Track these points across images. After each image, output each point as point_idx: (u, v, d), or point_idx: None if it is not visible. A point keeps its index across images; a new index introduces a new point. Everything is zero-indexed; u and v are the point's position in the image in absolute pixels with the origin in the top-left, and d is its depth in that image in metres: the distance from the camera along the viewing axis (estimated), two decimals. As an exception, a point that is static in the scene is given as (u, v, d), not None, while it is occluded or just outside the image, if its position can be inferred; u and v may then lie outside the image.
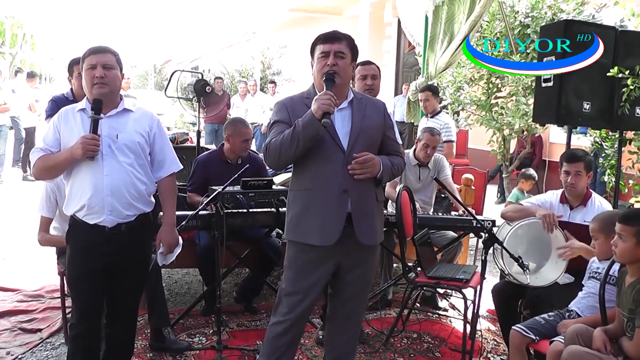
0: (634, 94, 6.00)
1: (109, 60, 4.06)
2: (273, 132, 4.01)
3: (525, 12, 8.86)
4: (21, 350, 5.34)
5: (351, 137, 3.98)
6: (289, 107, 4.06)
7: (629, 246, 3.79)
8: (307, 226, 3.99)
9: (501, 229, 5.16)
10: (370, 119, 4.09)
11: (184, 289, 7.05)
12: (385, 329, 5.90)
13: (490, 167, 12.23)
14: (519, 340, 4.37)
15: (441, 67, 9.21)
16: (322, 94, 3.80)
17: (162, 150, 4.29)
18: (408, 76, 19.41)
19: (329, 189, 3.94)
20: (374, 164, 3.96)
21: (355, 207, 3.97)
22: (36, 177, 4.20)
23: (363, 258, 4.16)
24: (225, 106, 14.57)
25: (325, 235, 3.94)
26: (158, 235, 4.35)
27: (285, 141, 3.84)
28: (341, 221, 3.95)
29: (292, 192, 4.13)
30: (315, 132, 3.80)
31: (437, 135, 6.90)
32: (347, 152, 3.95)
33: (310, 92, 4.12)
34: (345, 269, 4.11)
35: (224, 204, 5.13)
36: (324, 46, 3.99)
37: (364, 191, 4.03)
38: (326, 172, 3.95)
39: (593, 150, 8.16)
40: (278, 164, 4.07)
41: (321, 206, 3.95)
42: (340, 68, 3.97)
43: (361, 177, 3.94)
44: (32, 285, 7.00)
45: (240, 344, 5.44)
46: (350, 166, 3.91)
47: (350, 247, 4.02)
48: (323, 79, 3.92)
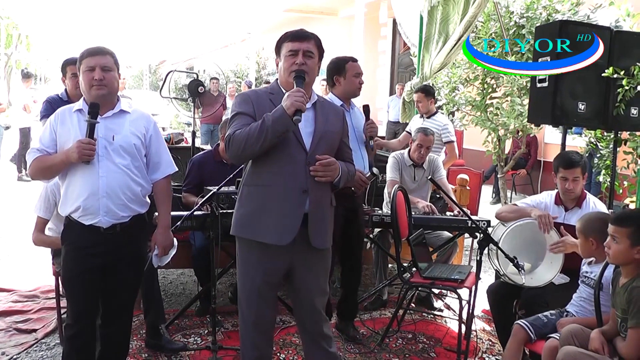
0: (629, 95, 6.01)
1: (107, 62, 4.05)
2: (236, 123, 3.91)
3: (520, 12, 8.86)
4: (16, 351, 5.33)
5: (314, 138, 3.95)
6: (254, 99, 4.00)
7: (622, 248, 3.79)
8: (262, 224, 3.91)
9: (496, 230, 5.16)
10: (332, 123, 4.07)
11: (179, 290, 7.05)
12: (380, 329, 5.91)
13: (485, 167, 12.27)
14: (522, 335, 4.37)
15: (436, 68, 9.21)
16: (295, 91, 3.76)
17: (157, 152, 4.28)
18: (403, 76, 19.44)
19: (289, 188, 3.88)
20: (335, 168, 3.95)
21: (313, 208, 3.92)
22: (32, 178, 4.19)
23: (315, 262, 4.09)
24: (221, 106, 14.55)
25: (281, 235, 3.88)
26: (153, 237, 4.35)
27: (252, 134, 3.76)
28: (298, 221, 3.89)
29: (247, 187, 4.03)
30: (285, 129, 3.76)
31: (431, 135, 6.91)
32: (310, 152, 3.91)
33: (274, 87, 4.09)
34: (297, 271, 4.05)
35: (219, 204, 5.13)
36: (292, 44, 3.95)
37: (322, 193, 4.00)
38: (287, 171, 3.89)
39: (588, 150, 8.17)
40: (240, 157, 3.96)
41: (279, 204, 3.89)
42: (309, 67, 3.94)
43: (322, 179, 3.91)
44: (27, 285, 6.99)
45: (235, 344, 5.42)
46: (312, 167, 3.88)
47: (301, 249, 3.96)
48: (293, 77, 3.88)
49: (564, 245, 4.73)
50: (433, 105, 8.47)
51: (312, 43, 3.99)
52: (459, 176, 7.60)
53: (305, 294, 4.11)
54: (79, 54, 4.15)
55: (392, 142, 9.18)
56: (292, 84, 3.88)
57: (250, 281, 4.04)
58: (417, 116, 8.72)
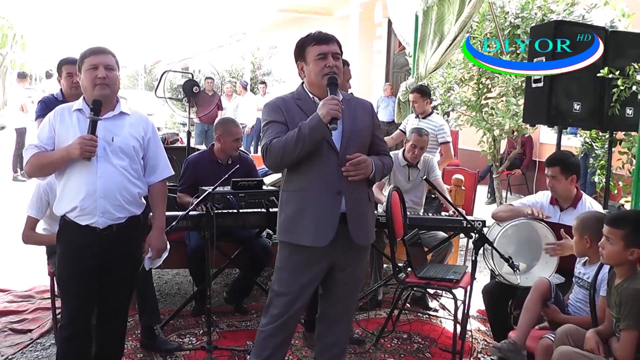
0: (624, 95, 6.02)
1: (110, 61, 4.07)
2: (270, 132, 3.96)
3: (515, 12, 8.85)
4: (11, 351, 5.32)
5: (343, 139, 3.98)
6: (283, 107, 4.03)
7: (616, 249, 3.80)
8: (301, 227, 3.98)
9: (491, 230, 5.16)
10: (361, 120, 4.11)
11: (174, 290, 7.04)
12: (375, 329, 5.91)
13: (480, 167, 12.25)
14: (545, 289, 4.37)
15: (431, 68, 9.21)
16: (330, 99, 3.79)
17: (155, 155, 4.30)
18: (398, 76, 19.41)
19: (323, 190, 3.94)
20: (367, 165, 3.98)
21: (349, 207, 3.98)
22: (29, 175, 4.19)
23: (355, 258, 4.18)
24: (215, 107, 14.54)
25: (320, 236, 3.94)
26: (147, 239, 4.35)
27: (289, 143, 3.82)
28: (335, 222, 3.95)
29: (285, 193, 4.10)
30: (322, 137, 3.81)
31: (425, 135, 6.92)
32: (340, 153, 3.96)
33: (301, 92, 4.11)
34: (339, 269, 4.12)
35: (214, 205, 5.13)
36: (320, 47, 3.97)
37: (357, 192, 4.05)
38: (320, 174, 3.95)
39: (583, 150, 8.16)
40: (279, 165, 4.03)
41: (315, 207, 3.95)
42: (339, 70, 3.99)
43: (355, 178, 3.95)
44: (22, 285, 6.99)
45: (230, 344, 5.44)
46: (344, 168, 3.93)
47: (343, 248, 4.03)
48: (327, 83, 3.91)
49: (561, 249, 4.73)
50: (429, 106, 8.47)
51: (336, 45, 4.04)
52: (454, 176, 7.61)
53: (342, 289, 4.22)
54: (77, 54, 4.18)
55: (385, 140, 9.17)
56: (324, 87, 3.93)
57: (290, 284, 4.09)
58: (412, 116, 8.72)
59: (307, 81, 4.11)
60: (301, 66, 4.10)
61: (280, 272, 4.14)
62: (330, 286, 4.22)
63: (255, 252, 6.11)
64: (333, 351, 4.34)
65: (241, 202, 5.41)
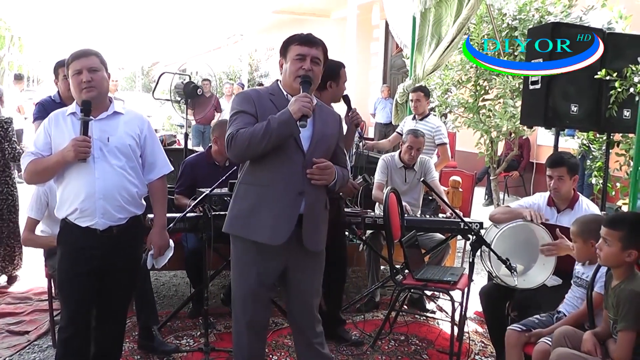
0: (622, 97, 6.02)
1: (93, 63, 4.05)
2: (238, 122, 3.91)
3: (512, 14, 8.87)
4: (9, 353, 5.32)
5: (312, 142, 3.96)
6: (255, 99, 3.99)
7: (614, 251, 3.80)
8: (257, 223, 3.93)
9: (489, 231, 5.16)
10: (329, 127, 4.10)
11: (171, 291, 7.04)
12: (372, 331, 5.91)
13: (477, 169, 12.27)
14: (515, 339, 4.37)
15: (429, 70, 9.21)
16: (302, 96, 3.78)
17: (153, 153, 4.29)
18: (396, 78, 19.43)
19: (286, 189, 3.90)
20: (331, 172, 3.97)
21: (308, 210, 3.95)
22: (27, 181, 4.18)
23: (309, 264, 4.12)
24: (213, 108, 14.52)
25: (275, 234, 3.89)
26: (148, 237, 4.36)
27: (256, 135, 3.77)
28: (293, 222, 3.91)
29: (244, 186, 4.04)
30: (290, 132, 3.79)
31: (422, 137, 6.91)
32: (307, 155, 3.93)
33: (275, 88, 4.09)
34: (292, 272, 4.07)
35: (212, 206, 5.13)
36: (301, 48, 3.94)
37: (318, 196, 4.03)
38: (284, 171, 3.91)
39: (580, 152, 8.17)
40: (243, 156, 3.96)
41: (275, 204, 3.90)
42: (314, 74, 3.96)
43: (318, 182, 3.93)
44: (19, 287, 6.98)
45: (227, 346, 5.42)
46: (309, 170, 3.90)
47: (295, 251, 3.99)
48: (300, 82, 3.89)
49: (557, 249, 4.73)
50: (427, 107, 8.49)
51: (320, 50, 4.00)
52: (452, 178, 7.60)
53: (299, 295, 4.14)
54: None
55: (382, 142, 9.20)
56: (296, 87, 3.91)
57: (244, 281, 4.04)
58: (409, 117, 8.73)
59: (282, 78, 4.09)
60: (281, 62, 4.09)
61: (233, 269, 4.12)
62: (288, 289, 4.16)
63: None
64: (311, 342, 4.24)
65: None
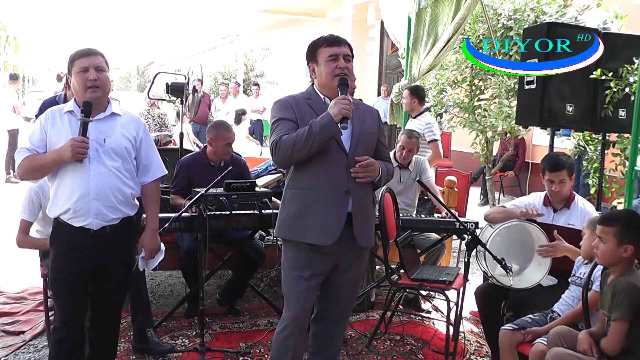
0: (617, 97, 6.03)
1: (100, 62, 4.06)
2: (280, 129, 3.97)
3: (508, 14, 8.86)
4: (4, 353, 5.31)
5: (352, 140, 4.02)
6: (294, 105, 4.05)
7: (610, 247, 3.82)
8: (306, 225, 3.98)
9: (484, 231, 5.16)
10: (368, 124, 4.14)
11: (166, 291, 7.03)
12: (368, 331, 5.92)
13: (473, 169, 12.26)
14: (509, 339, 4.37)
15: (424, 69, 9.19)
16: (341, 99, 3.83)
17: (148, 155, 4.29)
18: (391, 78, 19.45)
19: (332, 189, 3.96)
20: (375, 169, 4.02)
21: (356, 208, 4.01)
22: (21, 178, 4.18)
23: (357, 259, 4.20)
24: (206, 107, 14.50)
25: (325, 235, 3.95)
26: (140, 239, 4.34)
27: (299, 140, 3.83)
28: (342, 221, 3.97)
29: (291, 190, 4.11)
30: (332, 135, 3.84)
31: (415, 138, 6.91)
32: (350, 154, 3.99)
33: (311, 92, 4.14)
34: (341, 270, 4.13)
35: (207, 206, 5.12)
36: (331, 49, 4.01)
37: (364, 193, 4.08)
38: (328, 173, 3.97)
39: (576, 152, 8.17)
40: (288, 161, 4.02)
41: (322, 205, 3.96)
42: (349, 71, 4.03)
43: (362, 180, 3.99)
44: (15, 287, 6.97)
45: (223, 346, 5.44)
46: (353, 169, 3.96)
47: (346, 248, 4.05)
48: (337, 84, 3.94)
49: (554, 250, 4.73)
50: (419, 105, 8.50)
51: (348, 47, 4.08)
52: (447, 178, 7.61)
53: (343, 290, 4.23)
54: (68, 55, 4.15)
55: None
56: (334, 88, 3.97)
57: (297, 282, 4.08)
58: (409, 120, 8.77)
59: (317, 82, 4.13)
60: (312, 67, 4.14)
61: (286, 271, 4.15)
62: (331, 287, 4.22)
63: (248, 254, 6.11)
64: (327, 353, 4.35)
65: (234, 203, 5.42)
